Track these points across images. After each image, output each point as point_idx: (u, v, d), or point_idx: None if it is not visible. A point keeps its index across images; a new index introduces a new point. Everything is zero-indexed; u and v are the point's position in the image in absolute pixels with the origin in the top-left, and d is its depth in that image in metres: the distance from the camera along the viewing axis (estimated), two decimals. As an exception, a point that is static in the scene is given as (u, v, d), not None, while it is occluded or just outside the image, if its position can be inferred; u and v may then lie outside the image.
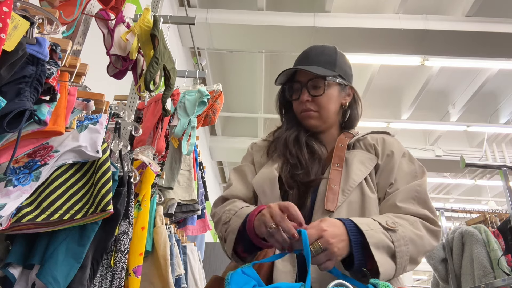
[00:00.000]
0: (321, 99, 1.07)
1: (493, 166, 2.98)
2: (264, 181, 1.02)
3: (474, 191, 8.84)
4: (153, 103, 2.01)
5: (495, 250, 2.80)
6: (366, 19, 4.26)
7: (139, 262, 1.41)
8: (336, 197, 0.94)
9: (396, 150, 1.04)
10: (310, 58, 1.11)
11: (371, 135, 1.10)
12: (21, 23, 0.80)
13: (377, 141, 1.07)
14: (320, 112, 1.08)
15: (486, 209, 3.48)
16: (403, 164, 1.02)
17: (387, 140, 1.08)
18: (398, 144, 1.08)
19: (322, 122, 1.10)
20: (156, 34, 1.53)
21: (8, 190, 0.88)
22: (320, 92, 1.07)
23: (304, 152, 1.03)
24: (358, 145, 1.07)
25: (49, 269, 0.92)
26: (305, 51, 1.14)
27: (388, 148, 1.05)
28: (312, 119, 1.09)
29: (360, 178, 0.98)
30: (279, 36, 4.36)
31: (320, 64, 1.08)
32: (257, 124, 6.70)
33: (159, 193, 1.94)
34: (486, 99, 6.06)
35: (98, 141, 1.07)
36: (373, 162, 1.02)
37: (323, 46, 1.14)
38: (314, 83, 1.07)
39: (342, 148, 1.05)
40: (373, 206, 0.96)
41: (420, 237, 0.86)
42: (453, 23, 4.23)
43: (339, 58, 1.12)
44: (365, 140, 1.08)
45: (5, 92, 0.78)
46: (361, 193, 0.96)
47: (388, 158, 1.03)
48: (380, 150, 1.05)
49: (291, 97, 1.12)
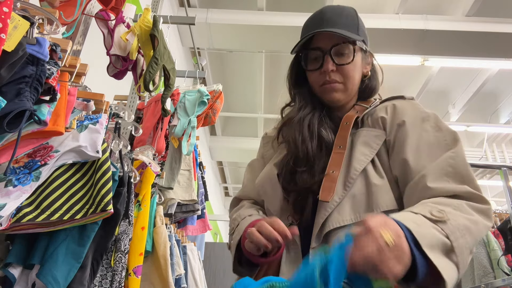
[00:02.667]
0: (348, 67, 0.91)
1: (493, 166, 2.98)
2: (265, 181, 0.92)
3: (474, 191, 8.83)
4: (153, 103, 2.01)
5: (495, 250, 2.80)
6: (366, 19, 4.19)
7: (139, 262, 1.41)
8: (334, 185, 0.80)
9: (410, 117, 0.86)
10: (329, 20, 0.92)
11: (382, 105, 0.93)
12: (21, 23, 0.80)
13: (386, 111, 0.90)
14: (345, 84, 0.92)
15: (486, 209, 3.48)
16: (426, 132, 0.83)
17: (398, 106, 0.89)
18: (413, 109, 0.89)
19: (347, 95, 0.94)
20: (155, 34, 1.53)
21: (8, 190, 0.88)
22: (348, 60, 0.90)
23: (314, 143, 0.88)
24: (367, 122, 0.91)
25: (49, 269, 0.92)
26: (319, 12, 0.96)
27: (398, 116, 0.87)
28: (336, 92, 0.92)
29: (363, 164, 0.82)
30: (279, 36, 4.36)
31: (342, 27, 0.90)
32: (257, 124, 6.70)
33: (159, 193, 1.94)
34: (486, 99, 6.06)
35: (98, 141, 1.07)
36: (380, 139, 0.85)
37: (339, 6, 0.96)
38: (339, 49, 0.90)
39: (347, 126, 0.89)
40: (382, 195, 0.79)
41: (475, 222, 0.69)
42: (453, 23, 4.22)
43: (360, 21, 0.95)
44: (374, 113, 0.91)
45: (5, 92, 0.78)
46: (366, 182, 0.81)
47: (399, 129, 0.85)
48: (388, 122, 0.87)
49: (308, 67, 0.95)
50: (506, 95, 5.97)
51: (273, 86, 5.75)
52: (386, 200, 0.79)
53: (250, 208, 0.94)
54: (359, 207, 0.79)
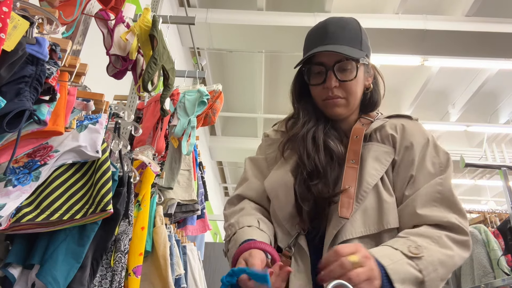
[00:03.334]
0: (351, 84, 0.92)
1: (493, 166, 2.98)
2: (280, 186, 0.93)
3: (474, 191, 8.84)
4: (153, 103, 2.01)
5: (494, 250, 2.80)
6: (366, 19, 4.26)
7: (139, 262, 1.41)
8: (352, 201, 0.83)
9: (417, 140, 0.90)
10: (333, 34, 0.93)
11: (390, 122, 0.95)
12: (21, 23, 0.80)
13: (396, 129, 0.93)
14: (348, 99, 0.94)
15: (486, 209, 3.48)
16: (426, 157, 0.88)
17: (407, 127, 0.93)
18: (420, 132, 0.93)
19: (349, 110, 0.96)
20: (154, 34, 1.53)
21: (7, 190, 0.88)
22: (351, 76, 0.92)
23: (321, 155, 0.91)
24: (375, 136, 0.94)
25: (49, 269, 0.92)
26: (322, 25, 0.97)
27: (407, 138, 0.91)
28: (339, 107, 0.94)
29: (375, 179, 0.86)
30: (279, 36, 4.36)
31: (345, 42, 0.92)
32: (256, 124, 6.70)
33: (159, 193, 1.93)
34: (486, 99, 6.06)
35: (97, 141, 1.07)
36: (390, 156, 0.89)
37: (343, 19, 0.97)
38: (342, 66, 0.92)
39: (358, 140, 0.91)
40: (391, 212, 0.84)
41: (450, 256, 0.76)
42: (453, 23, 4.23)
43: (364, 34, 0.96)
44: (383, 129, 0.94)
45: (5, 92, 0.78)
46: (377, 198, 0.85)
47: (407, 151, 0.89)
48: (398, 141, 0.91)
49: (311, 82, 0.96)
50: (506, 95, 5.98)
51: (273, 86, 5.75)
52: (394, 217, 0.84)
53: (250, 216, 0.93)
54: (370, 221, 0.83)
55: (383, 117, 0.99)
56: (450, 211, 0.81)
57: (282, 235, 0.91)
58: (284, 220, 0.91)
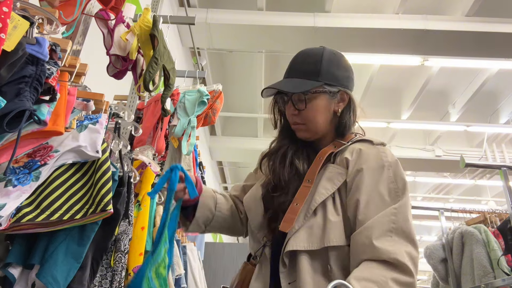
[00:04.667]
0: (306, 112, 1.03)
1: (493, 166, 2.98)
2: (251, 199, 1.06)
3: (474, 191, 8.84)
4: (153, 103, 2.01)
5: (495, 250, 2.80)
6: (366, 19, 4.26)
7: (139, 262, 1.41)
8: (294, 217, 0.91)
9: (369, 165, 0.94)
10: (293, 69, 1.07)
11: (352, 146, 1.02)
12: (21, 23, 0.80)
13: (352, 153, 0.98)
14: (307, 125, 1.04)
15: (486, 209, 3.48)
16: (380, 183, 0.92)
17: (363, 152, 0.98)
18: (376, 157, 0.96)
19: (313, 134, 1.06)
20: (155, 34, 1.53)
21: (8, 190, 0.88)
22: (302, 107, 1.02)
23: (285, 171, 1.01)
24: (337, 159, 1.01)
25: (49, 269, 0.92)
26: (292, 60, 1.10)
27: (360, 162, 0.95)
28: (301, 131, 1.06)
29: (323, 197, 0.92)
30: (279, 36, 4.36)
31: (301, 75, 1.04)
32: (257, 124, 6.70)
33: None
34: (486, 99, 6.05)
35: (98, 141, 1.07)
36: (342, 177, 0.95)
37: (308, 52, 1.07)
38: (298, 97, 1.03)
39: (319, 161, 1.00)
40: (334, 231, 0.89)
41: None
42: (453, 23, 4.22)
43: (325, 63, 1.03)
44: (343, 153, 1.01)
45: (5, 92, 0.78)
46: (323, 216, 0.91)
47: (357, 175, 0.94)
48: (351, 165, 0.96)
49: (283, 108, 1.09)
50: (506, 95, 5.97)
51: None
52: (337, 236, 0.89)
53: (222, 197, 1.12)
54: (314, 237, 0.90)
55: (354, 140, 1.04)
56: (404, 240, 0.85)
57: (253, 242, 1.04)
58: (255, 229, 1.02)
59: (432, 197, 9.26)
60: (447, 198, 9.11)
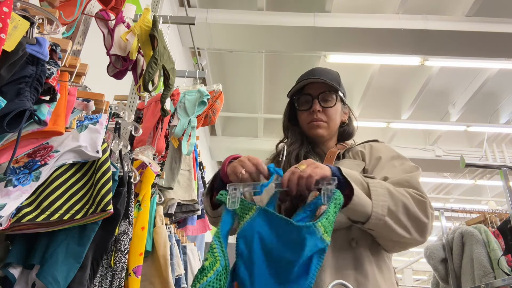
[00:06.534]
0: (331, 110, 1.15)
1: (493, 166, 2.98)
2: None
3: (474, 191, 8.84)
4: (153, 103, 2.01)
5: (495, 250, 2.80)
6: (366, 19, 4.26)
7: (139, 262, 1.41)
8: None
9: (384, 154, 1.07)
10: (318, 73, 1.18)
11: (360, 145, 1.16)
12: (21, 23, 0.80)
13: (364, 148, 1.12)
14: (328, 123, 1.15)
15: (486, 209, 3.48)
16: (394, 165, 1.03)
17: (374, 146, 1.12)
18: (386, 149, 1.11)
19: (329, 133, 1.17)
20: (155, 34, 1.53)
21: (8, 190, 0.88)
22: (332, 104, 1.15)
23: None
24: (347, 155, 1.12)
25: (49, 269, 0.92)
26: (310, 70, 1.21)
27: (375, 153, 1.09)
28: (320, 128, 1.15)
29: None
30: (279, 36, 4.36)
31: (328, 78, 1.15)
32: (257, 124, 6.70)
33: (159, 193, 1.94)
34: (486, 99, 6.06)
35: (98, 141, 1.07)
36: (360, 167, 1.05)
37: (327, 69, 1.22)
38: (324, 96, 1.15)
39: (331, 158, 1.10)
40: None
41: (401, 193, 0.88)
42: (453, 23, 4.22)
43: (341, 81, 1.21)
44: (353, 149, 1.14)
45: (5, 92, 0.78)
46: None
47: (376, 161, 1.06)
48: (367, 156, 1.09)
49: (299, 108, 1.18)
50: (506, 95, 5.97)
51: (273, 86, 5.75)
52: None
53: None
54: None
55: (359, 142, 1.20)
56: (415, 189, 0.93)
57: None
58: None
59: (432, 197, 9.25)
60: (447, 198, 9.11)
